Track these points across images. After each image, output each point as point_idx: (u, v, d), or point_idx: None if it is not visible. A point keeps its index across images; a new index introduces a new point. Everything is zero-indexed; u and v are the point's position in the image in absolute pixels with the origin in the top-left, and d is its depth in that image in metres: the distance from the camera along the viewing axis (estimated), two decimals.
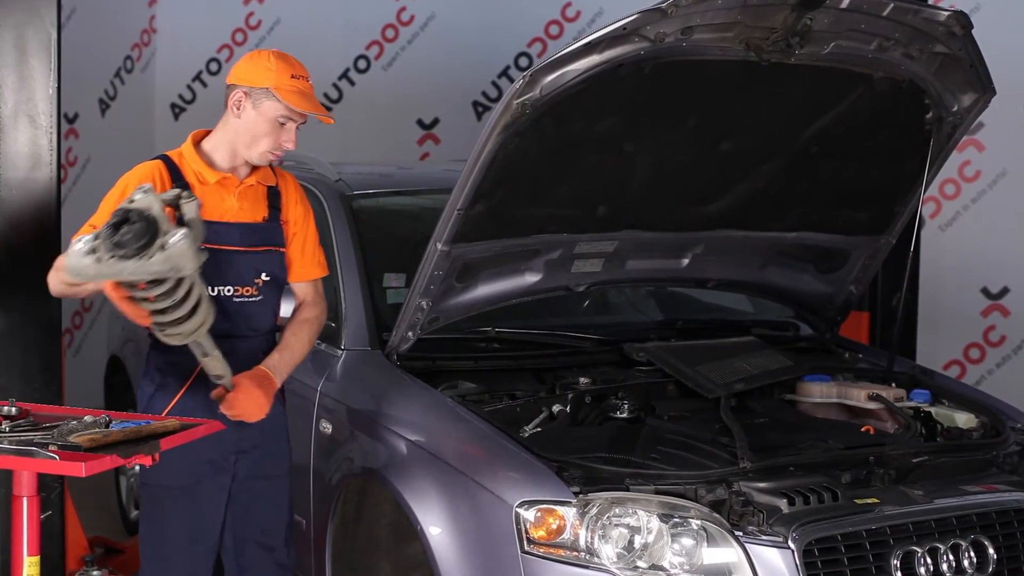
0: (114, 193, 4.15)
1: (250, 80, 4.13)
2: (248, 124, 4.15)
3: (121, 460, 3.58)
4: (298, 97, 4.11)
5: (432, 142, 9.49)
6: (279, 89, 4.10)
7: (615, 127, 4.39)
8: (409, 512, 4.16)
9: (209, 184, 4.17)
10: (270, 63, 4.13)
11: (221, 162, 4.21)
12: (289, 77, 4.11)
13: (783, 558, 3.77)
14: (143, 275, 3.55)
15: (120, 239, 3.48)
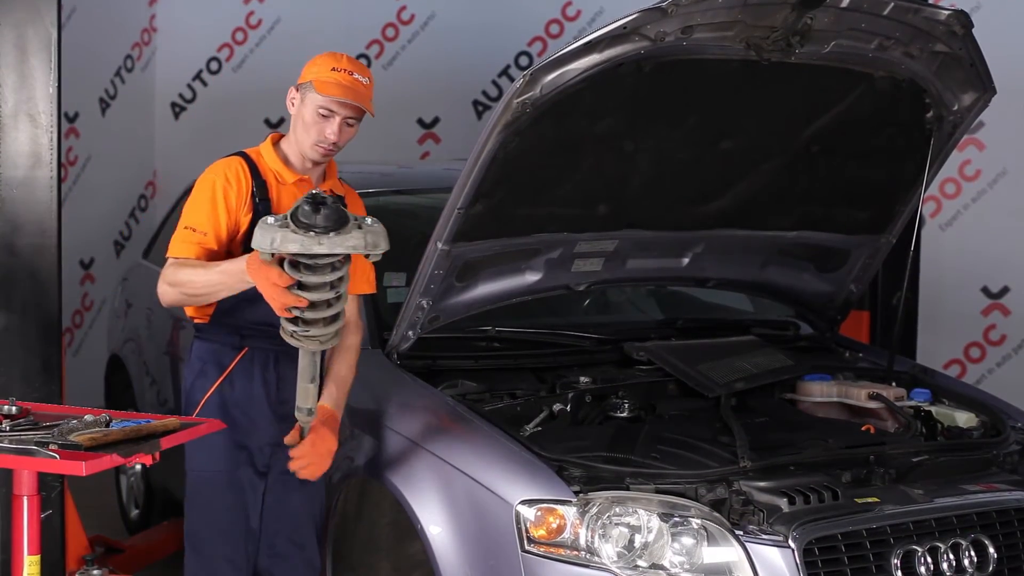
0: (203, 192, 4.23)
1: (302, 77, 4.27)
2: (298, 118, 4.28)
3: (121, 459, 3.58)
4: (332, 86, 4.18)
5: (432, 141, 9.49)
6: (317, 81, 4.19)
7: (615, 126, 4.39)
8: (409, 511, 4.16)
9: (287, 184, 4.31)
10: (319, 59, 4.26)
11: (295, 163, 4.34)
12: (329, 70, 4.21)
13: (783, 557, 3.77)
14: (341, 248, 3.64)
15: (327, 213, 3.62)
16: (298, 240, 3.62)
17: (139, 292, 7.41)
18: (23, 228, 4.90)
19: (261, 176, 4.27)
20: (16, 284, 4.91)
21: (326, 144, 4.26)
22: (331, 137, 4.24)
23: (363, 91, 4.25)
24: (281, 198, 4.26)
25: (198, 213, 4.18)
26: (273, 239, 3.63)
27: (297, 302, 3.77)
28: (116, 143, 9.43)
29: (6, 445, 3.59)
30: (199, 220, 4.16)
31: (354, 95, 4.21)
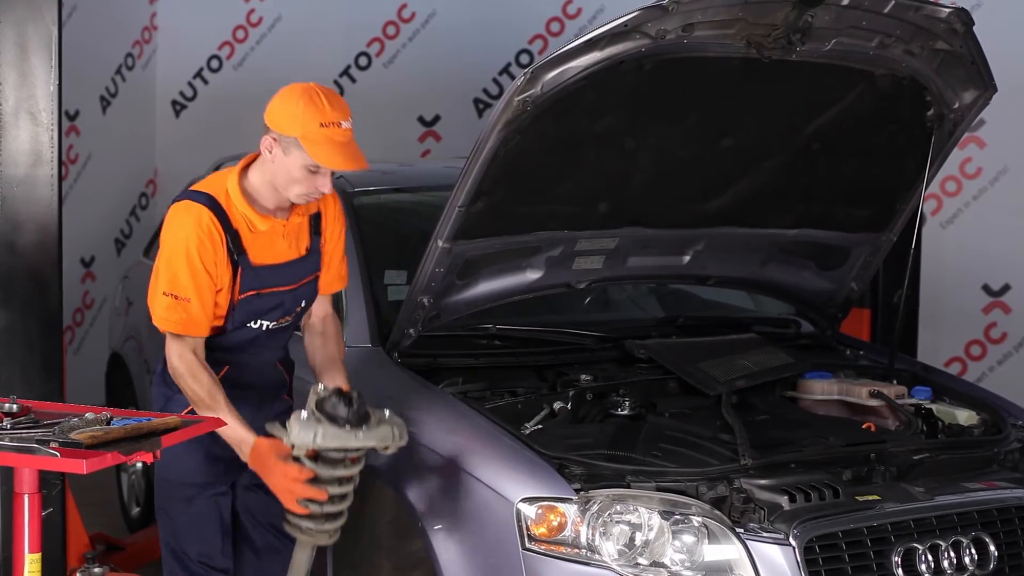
0: (177, 255, 4.02)
1: (279, 126, 3.99)
2: (280, 169, 4.02)
3: (122, 457, 3.58)
4: (326, 149, 3.93)
5: (433, 139, 9.49)
6: (306, 139, 3.93)
7: (616, 124, 4.39)
8: (410, 509, 4.16)
9: (259, 232, 4.12)
10: (298, 108, 3.94)
11: (266, 202, 4.11)
12: (318, 126, 3.92)
13: (784, 555, 3.78)
14: (374, 441, 3.83)
15: (356, 408, 3.80)
16: (339, 435, 3.78)
17: (140, 290, 7.37)
18: (24, 226, 4.90)
19: (232, 226, 4.05)
20: (17, 282, 4.91)
21: (317, 195, 4.08)
22: (325, 190, 4.04)
23: (355, 144, 4.02)
24: (254, 246, 4.09)
25: (178, 279, 3.99)
26: (315, 435, 3.76)
27: (318, 495, 3.87)
28: (117, 141, 9.43)
29: (7, 443, 3.59)
30: (181, 286, 3.99)
31: (352, 158, 3.98)
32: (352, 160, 3.97)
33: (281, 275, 4.18)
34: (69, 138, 9.08)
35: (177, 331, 4.05)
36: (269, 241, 4.14)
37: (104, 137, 9.38)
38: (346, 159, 3.96)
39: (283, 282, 4.19)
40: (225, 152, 7.37)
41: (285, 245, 4.18)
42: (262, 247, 4.12)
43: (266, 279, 4.14)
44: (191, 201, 4.06)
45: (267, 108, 4.06)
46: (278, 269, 4.17)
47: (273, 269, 4.15)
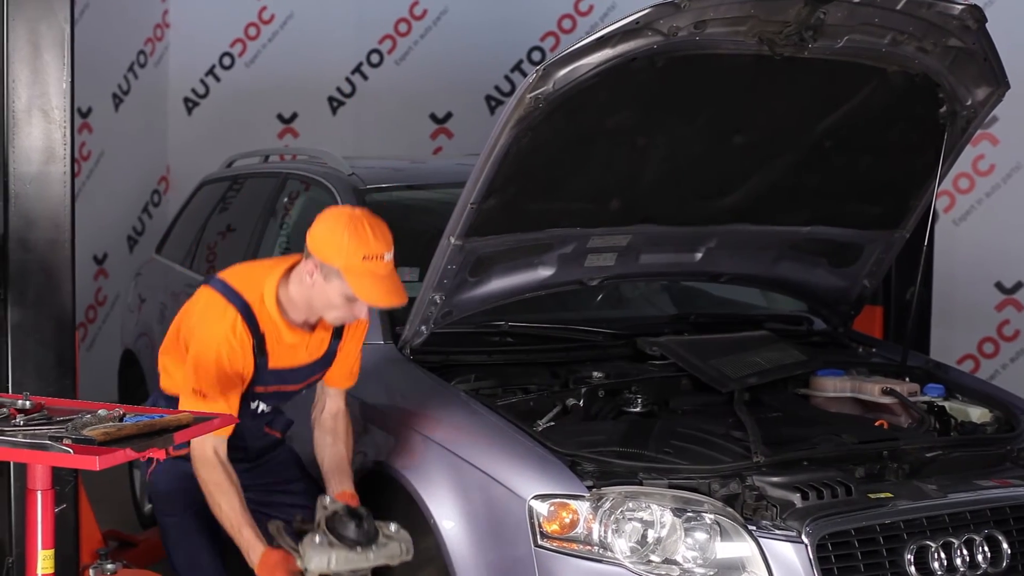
0: (208, 357, 4.08)
1: (322, 254, 4.00)
2: (319, 294, 4.05)
3: (135, 454, 3.58)
4: (368, 283, 3.96)
5: (445, 136, 9.49)
6: (348, 272, 3.95)
7: (628, 121, 4.38)
8: (422, 506, 4.17)
9: (284, 343, 4.19)
10: (343, 240, 3.95)
11: (297, 316, 4.18)
12: (360, 259, 3.94)
13: (796, 552, 3.78)
14: (384, 559, 4.01)
15: (367, 528, 3.98)
16: (352, 559, 3.95)
17: (152, 287, 7.43)
18: (37, 223, 4.90)
19: (260, 330, 4.12)
20: (30, 279, 4.91)
21: (352, 320, 4.16)
22: (361, 316, 4.12)
23: (396, 277, 4.04)
24: (276, 351, 4.18)
25: (208, 379, 4.05)
26: (329, 560, 3.93)
27: None
28: (129, 138, 9.44)
29: (20, 440, 3.59)
30: (209, 386, 4.05)
31: (393, 293, 4.01)
32: (393, 295, 4.01)
33: (291, 377, 4.29)
34: (81, 135, 9.10)
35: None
36: (293, 351, 4.22)
37: (116, 134, 9.39)
38: (387, 294, 4.00)
39: (291, 382, 4.31)
40: (237, 149, 7.39)
41: (305, 354, 4.27)
42: (283, 353, 4.20)
43: (276, 379, 4.25)
44: (227, 302, 4.12)
45: (311, 231, 4.06)
46: (289, 371, 4.26)
47: (285, 371, 4.25)
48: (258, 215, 6.38)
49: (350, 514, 3.99)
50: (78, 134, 8.65)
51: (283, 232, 6.18)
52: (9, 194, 4.89)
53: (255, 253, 6.19)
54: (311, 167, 6.11)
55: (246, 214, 6.60)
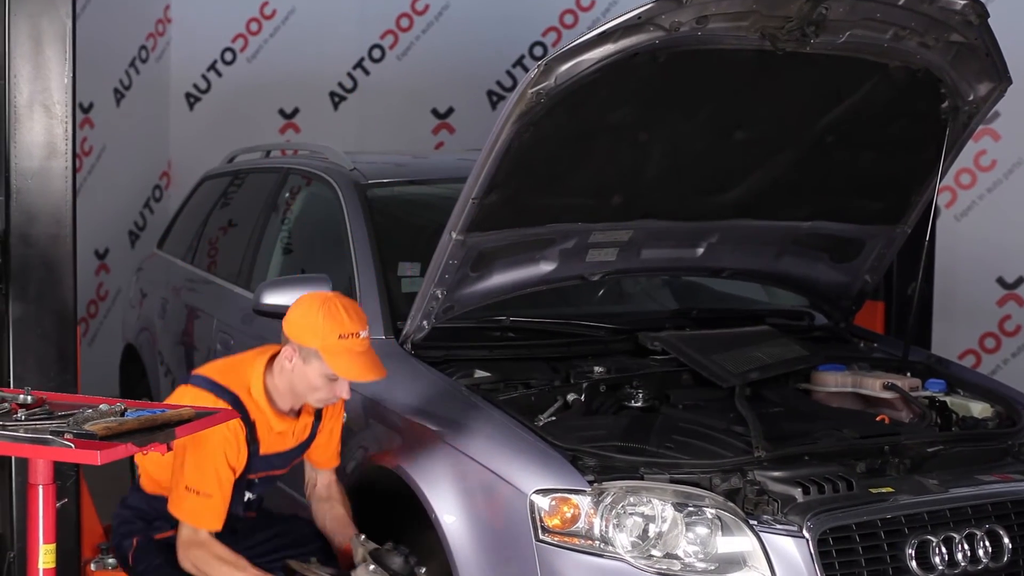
0: (205, 456, 4.12)
1: (299, 338, 4.12)
2: (300, 378, 4.15)
3: (136, 448, 3.58)
4: (346, 361, 4.08)
5: (447, 131, 9.49)
6: (326, 351, 4.07)
7: (630, 116, 4.38)
8: (424, 500, 4.17)
9: (274, 431, 4.26)
10: (317, 321, 4.08)
11: (284, 404, 4.27)
12: (337, 338, 4.06)
13: (797, 547, 3.78)
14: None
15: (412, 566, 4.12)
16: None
17: (154, 282, 7.43)
18: (38, 218, 4.90)
19: (250, 419, 4.19)
20: (31, 274, 4.91)
21: (335, 400, 4.25)
22: (343, 396, 4.20)
23: (372, 352, 4.17)
24: (266, 439, 4.24)
25: (202, 475, 4.10)
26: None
27: None
28: (131, 134, 9.45)
29: (21, 434, 3.59)
30: (205, 483, 4.10)
31: (370, 368, 4.13)
32: (371, 370, 4.13)
33: (278, 461, 4.35)
34: (83, 131, 9.11)
35: (199, 525, 4.14)
36: (281, 438, 4.29)
37: (118, 129, 9.39)
38: (365, 369, 4.11)
39: (278, 467, 4.37)
40: (238, 144, 7.39)
41: (292, 439, 4.34)
42: (272, 440, 4.27)
43: (265, 465, 4.30)
44: (216, 397, 4.16)
45: (286, 318, 4.19)
46: (276, 456, 4.32)
47: (272, 456, 4.31)
48: (260, 210, 6.38)
49: (396, 550, 4.12)
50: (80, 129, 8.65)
51: (284, 227, 6.19)
52: (11, 189, 4.89)
53: (257, 247, 6.19)
54: (313, 162, 6.11)
55: (247, 209, 6.60)
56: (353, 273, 5.10)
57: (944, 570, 3.90)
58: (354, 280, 5.07)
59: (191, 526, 4.13)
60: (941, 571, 3.90)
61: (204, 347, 6.27)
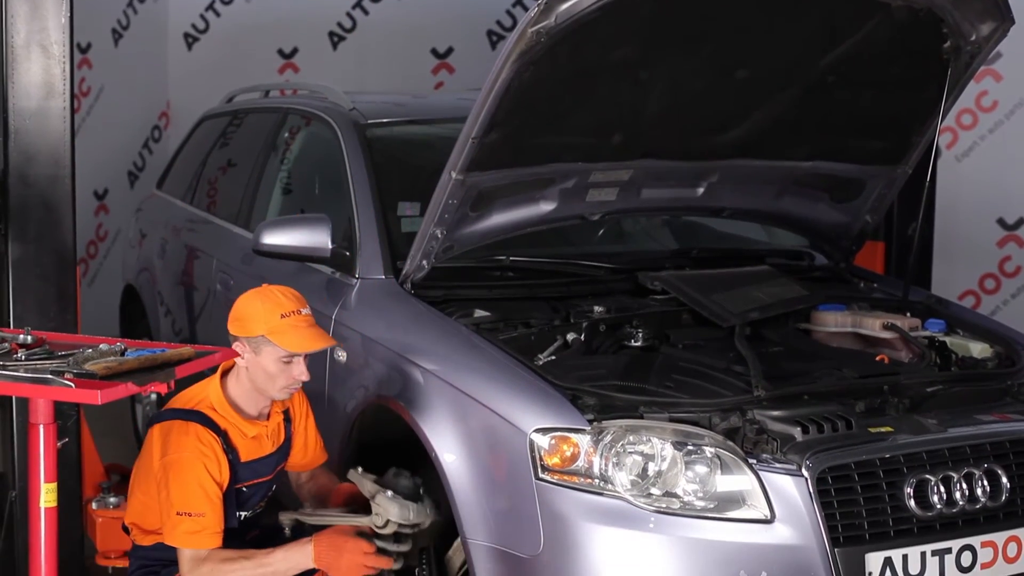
0: (185, 476, 4.07)
1: (244, 330, 4.15)
2: (257, 371, 4.17)
3: (137, 388, 3.60)
4: (293, 336, 4.12)
5: (446, 71, 9.46)
6: (272, 333, 4.10)
7: (630, 55, 4.36)
8: (424, 439, 4.18)
9: (248, 436, 4.25)
10: (257, 308, 4.13)
11: (250, 410, 4.26)
12: (279, 317, 4.11)
13: (796, 486, 3.79)
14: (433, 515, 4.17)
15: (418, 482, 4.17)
16: (420, 510, 4.12)
17: (153, 222, 7.43)
18: (36, 159, 4.90)
19: (222, 430, 4.17)
20: (30, 214, 4.91)
21: (297, 385, 4.24)
22: (302, 378, 4.20)
23: (318, 327, 4.21)
24: (242, 444, 4.22)
25: (189, 496, 4.05)
26: (409, 511, 4.09)
27: (386, 563, 4.12)
28: (129, 74, 9.40)
29: (22, 374, 3.61)
30: (193, 503, 4.04)
31: (319, 337, 4.18)
32: (320, 339, 4.18)
33: (261, 467, 4.32)
34: (81, 71, 9.06)
35: (199, 547, 4.09)
36: (258, 443, 4.29)
37: (116, 70, 9.35)
38: (314, 340, 4.16)
39: (263, 474, 4.33)
40: (236, 84, 7.36)
41: (269, 443, 4.33)
42: (249, 447, 4.26)
43: (250, 472, 4.27)
44: (182, 421, 4.14)
45: (229, 324, 4.20)
46: (259, 462, 4.30)
47: (255, 463, 4.29)
48: (259, 150, 6.37)
49: (403, 474, 4.15)
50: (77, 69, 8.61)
51: (284, 167, 6.18)
52: (9, 129, 4.88)
53: (256, 187, 6.19)
54: (312, 102, 6.09)
55: (247, 149, 6.59)
56: (352, 213, 5.09)
57: (942, 509, 3.91)
58: (353, 220, 5.07)
59: (190, 550, 4.08)
60: (939, 510, 3.91)
61: (204, 287, 6.27)
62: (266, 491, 4.39)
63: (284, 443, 4.39)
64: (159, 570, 4.27)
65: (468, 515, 4.02)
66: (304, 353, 4.15)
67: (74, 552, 5.03)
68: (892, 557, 3.83)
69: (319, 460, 4.55)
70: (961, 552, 3.92)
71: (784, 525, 3.77)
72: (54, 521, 3.83)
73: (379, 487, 4.10)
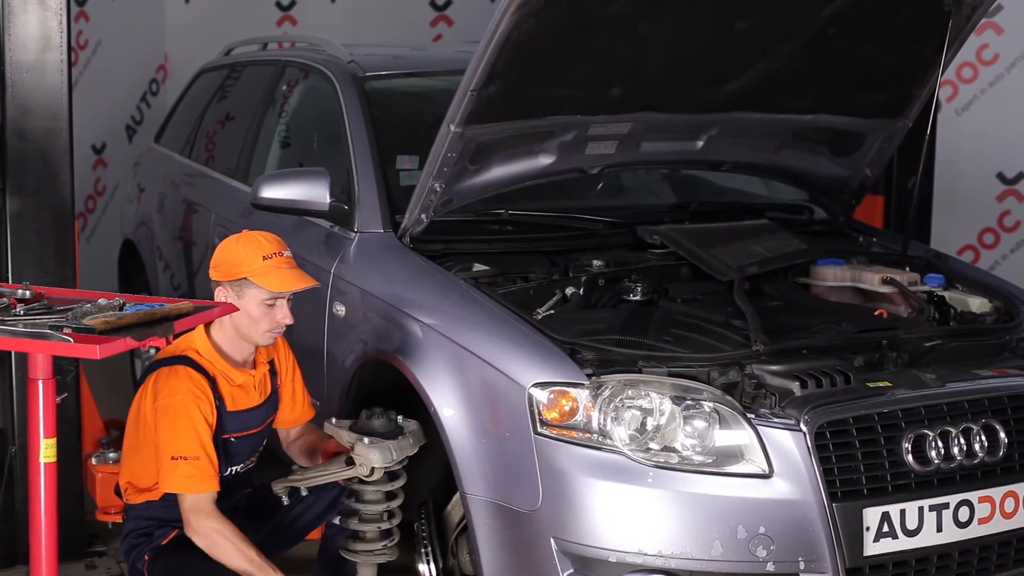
0: (178, 419, 4.10)
1: (227, 274, 4.19)
2: (240, 316, 4.19)
3: (135, 342, 3.59)
4: (275, 276, 4.15)
5: (445, 23, 9.42)
6: (255, 275, 4.14)
7: (630, 7, 4.33)
8: (423, 394, 4.18)
9: (235, 384, 4.25)
10: (239, 252, 4.17)
11: (236, 356, 4.28)
12: (261, 259, 4.15)
13: (795, 440, 3.79)
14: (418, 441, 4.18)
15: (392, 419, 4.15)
16: (403, 446, 4.10)
17: (151, 177, 7.41)
18: (33, 112, 4.89)
19: (211, 376, 4.19)
20: (28, 169, 4.90)
21: (281, 328, 4.25)
22: (285, 321, 4.22)
23: (298, 267, 4.24)
24: (229, 394, 4.23)
25: (183, 440, 4.06)
26: (391, 452, 4.07)
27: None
28: (127, 27, 9.35)
29: (20, 329, 3.60)
30: (187, 447, 4.05)
31: (302, 278, 4.21)
32: (302, 279, 4.21)
33: (251, 419, 4.32)
34: (78, 24, 9.02)
35: (197, 490, 4.08)
36: (245, 392, 4.29)
37: (113, 23, 9.30)
38: (296, 280, 4.19)
39: (252, 425, 4.34)
40: (235, 37, 7.33)
41: (256, 393, 4.33)
42: (237, 395, 4.26)
43: (239, 423, 4.28)
44: (170, 366, 4.16)
45: (210, 267, 4.25)
46: (247, 413, 4.30)
47: (243, 413, 4.29)
48: (257, 103, 6.34)
49: (380, 414, 4.12)
50: (75, 22, 8.58)
51: (282, 121, 6.16)
52: (5, 83, 4.87)
53: (254, 141, 6.17)
54: (310, 55, 6.06)
55: (245, 102, 6.57)
56: (351, 166, 5.08)
57: (940, 464, 3.92)
58: (352, 173, 5.05)
59: (191, 494, 4.08)
60: (937, 465, 3.92)
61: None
62: (256, 445, 4.40)
63: (271, 395, 4.39)
64: (152, 531, 4.28)
65: (467, 469, 4.03)
66: (288, 294, 4.17)
67: (73, 507, 5.05)
68: (890, 512, 3.84)
69: (307, 416, 4.55)
70: (959, 507, 3.93)
71: (782, 480, 3.77)
72: (53, 476, 3.83)
73: (356, 435, 4.08)
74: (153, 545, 4.26)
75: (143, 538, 4.29)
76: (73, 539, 5.04)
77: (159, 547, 4.26)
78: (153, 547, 4.26)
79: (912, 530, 3.86)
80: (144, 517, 4.30)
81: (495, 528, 3.97)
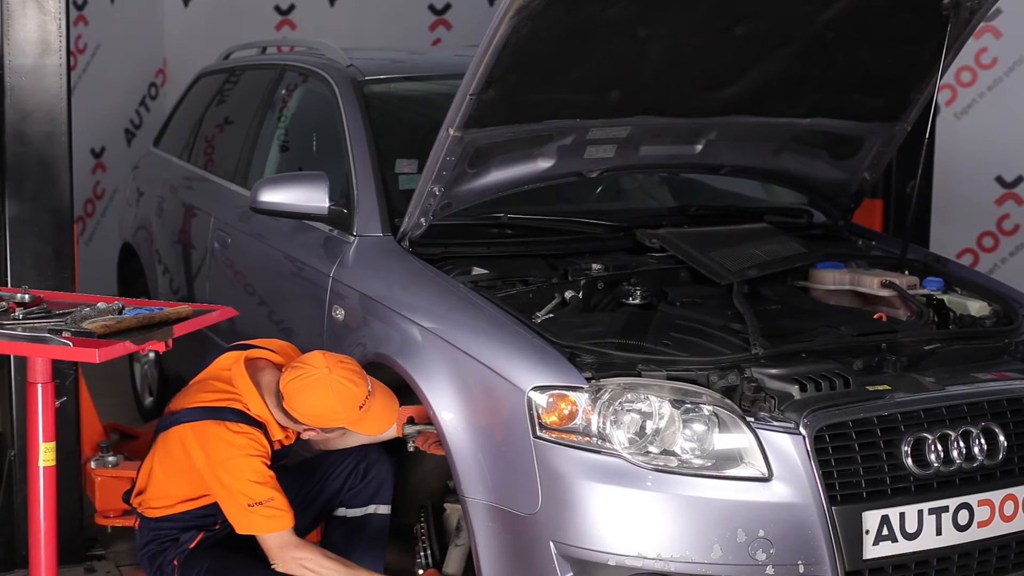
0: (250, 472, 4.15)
1: (323, 423, 4.22)
2: (321, 442, 4.48)
3: (134, 346, 3.60)
4: (370, 423, 4.20)
5: (444, 27, 9.42)
6: (353, 425, 4.19)
7: (629, 11, 4.33)
8: (422, 398, 4.18)
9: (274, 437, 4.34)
10: (337, 406, 4.13)
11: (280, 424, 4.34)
12: (357, 409, 4.15)
13: (794, 444, 3.79)
14: None
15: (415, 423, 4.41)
16: None
17: (150, 180, 7.41)
18: (32, 116, 4.89)
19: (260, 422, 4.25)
20: (27, 172, 4.90)
21: None
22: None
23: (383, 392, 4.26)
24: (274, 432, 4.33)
25: (255, 489, 4.11)
26: None
27: None
28: (126, 31, 9.37)
29: (20, 333, 3.60)
30: (260, 493, 4.11)
31: (388, 419, 4.24)
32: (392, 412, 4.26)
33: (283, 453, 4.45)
34: (77, 28, 9.03)
35: (280, 529, 4.13)
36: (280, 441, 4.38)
37: (113, 27, 9.31)
38: (385, 421, 4.24)
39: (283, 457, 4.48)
40: (234, 41, 7.34)
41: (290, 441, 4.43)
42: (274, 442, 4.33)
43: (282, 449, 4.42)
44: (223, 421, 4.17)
45: (296, 403, 4.18)
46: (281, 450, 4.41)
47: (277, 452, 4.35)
48: (256, 107, 6.35)
49: None
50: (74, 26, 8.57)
51: (281, 124, 6.16)
52: (4, 87, 4.87)
53: (253, 145, 6.17)
54: (309, 59, 6.07)
55: (244, 106, 6.57)
56: (350, 170, 5.08)
57: (939, 467, 3.92)
58: (351, 177, 5.05)
59: (275, 534, 4.13)
60: (936, 468, 3.92)
61: (201, 245, 6.26)
62: (288, 452, 4.48)
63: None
64: (177, 535, 4.31)
65: (466, 473, 4.03)
66: None
67: (72, 511, 5.05)
68: (889, 515, 3.84)
69: None
70: (958, 510, 3.93)
71: (781, 483, 3.77)
72: (53, 480, 3.84)
73: None
74: (181, 549, 4.28)
75: (168, 543, 4.32)
76: (72, 543, 5.05)
77: (188, 550, 4.27)
78: (181, 551, 4.28)
79: (911, 533, 3.86)
80: (165, 527, 4.32)
81: (494, 531, 3.97)
